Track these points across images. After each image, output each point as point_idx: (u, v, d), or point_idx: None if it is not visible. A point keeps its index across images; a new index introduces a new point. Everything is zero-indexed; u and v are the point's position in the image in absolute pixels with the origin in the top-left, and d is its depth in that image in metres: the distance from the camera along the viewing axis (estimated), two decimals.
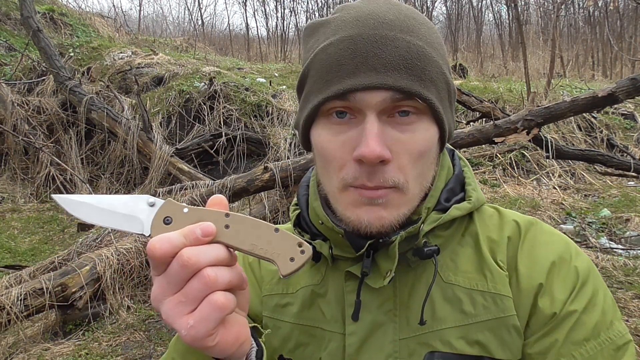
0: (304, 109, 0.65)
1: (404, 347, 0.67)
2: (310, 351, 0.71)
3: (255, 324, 0.68)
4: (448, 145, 0.75)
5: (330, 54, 0.61)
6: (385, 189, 0.61)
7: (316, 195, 0.71)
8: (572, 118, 5.87)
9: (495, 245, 0.70)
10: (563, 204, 4.80)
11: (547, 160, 5.45)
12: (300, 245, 0.52)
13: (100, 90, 6.60)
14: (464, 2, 17.45)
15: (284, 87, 6.79)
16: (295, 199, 0.78)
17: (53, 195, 0.56)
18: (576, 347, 0.63)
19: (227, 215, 0.52)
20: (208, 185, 3.94)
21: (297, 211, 0.75)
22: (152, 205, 0.53)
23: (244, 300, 0.57)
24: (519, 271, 0.67)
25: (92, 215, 0.54)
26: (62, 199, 0.55)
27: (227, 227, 0.52)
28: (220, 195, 0.55)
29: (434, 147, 0.65)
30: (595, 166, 5.56)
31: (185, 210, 0.52)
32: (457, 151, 0.77)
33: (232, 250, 0.52)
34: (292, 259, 0.52)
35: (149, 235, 0.52)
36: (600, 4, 13.32)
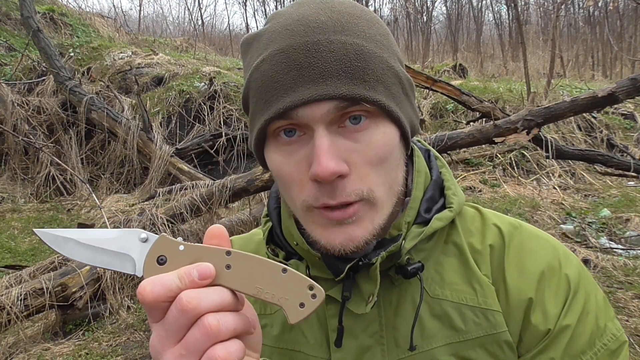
0: (252, 131, 0.61)
1: None
2: None
3: None
4: (423, 144, 0.72)
5: (264, 72, 0.57)
6: (353, 206, 0.57)
7: (289, 214, 0.66)
8: (572, 118, 5.87)
9: (478, 256, 0.66)
10: (563, 204, 4.80)
11: (547, 160, 5.45)
12: (311, 288, 0.46)
13: (100, 90, 6.61)
14: (464, 2, 17.46)
15: None
16: (265, 210, 0.72)
17: (35, 230, 0.50)
18: None
19: (228, 253, 0.46)
20: (208, 185, 3.94)
21: (269, 224, 0.70)
22: (144, 240, 0.47)
23: (255, 341, 0.52)
24: (507, 284, 0.64)
25: (79, 254, 0.48)
26: (46, 235, 0.49)
27: (228, 267, 0.46)
28: (219, 225, 0.49)
29: (396, 148, 0.60)
30: (595, 166, 5.56)
31: (181, 247, 0.46)
32: (432, 150, 0.72)
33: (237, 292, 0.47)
34: (302, 305, 0.46)
35: (141, 276, 0.47)
36: (600, 4, 13.32)
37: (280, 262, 0.47)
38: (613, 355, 0.62)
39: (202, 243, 0.48)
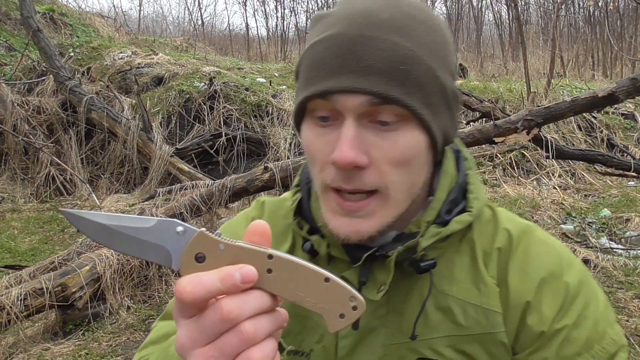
0: (295, 104, 0.65)
1: (394, 352, 0.67)
2: (301, 339, 0.70)
3: None
4: (455, 143, 0.72)
5: (316, 52, 0.60)
6: (367, 199, 0.59)
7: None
8: (572, 118, 5.87)
9: (487, 257, 0.68)
10: (563, 204, 4.80)
11: (547, 160, 5.45)
12: (352, 299, 0.45)
13: (100, 90, 6.60)
14: (464, 2, 17.45)
15: (284, 87, 6.79)
16: (297, 178, 0.75)
17: (61, 209, 0.49)
18: None
19: (270, 257, 0.44)
20: (208, 185, 3.94)
21: (299, 195, 0.72)
22: (181, 234, 0.45)
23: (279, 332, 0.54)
24: (509, 285, 0.66)
25: (114, 242, 0.47)
26: (73, 216, 0.47)
27: (269, 271, 0.44)
28: (263, 222, 0.47)
29: (421, 154, 0.61)
30: (595, 166, 5.56)
31: (222, 247, 0.44)
32: (463, 150, 0.73)
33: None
34: (342, 316, 0.45)
35: (177, 270, 0.46)
36: (600, 4, 13.32)
37: (322, 270, 0.46)
38: (611, 358, 0.64)
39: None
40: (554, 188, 5.28)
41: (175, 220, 0.46)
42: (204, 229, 0.45)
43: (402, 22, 0.59)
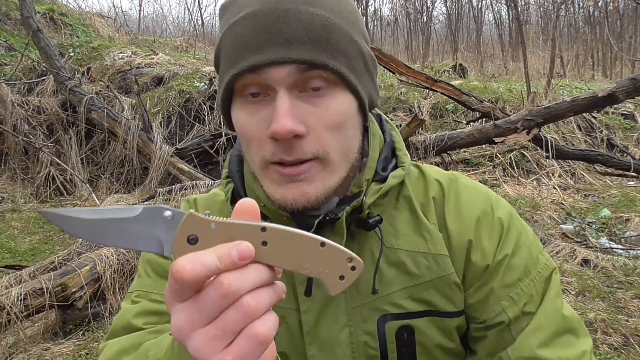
0: (220, 88, 0.65)
1: (357, 315, 0.70)
2: None
3: None
4: (375, 110, 0.76)
5: (236, 32, 0.61)
6: (307, 163, 0.61)
7: (254, 177, 0.69)
8: (572, 118, 5.87)
9: (424, 208, 0.74)
10: (563, 204, 4.80)
11: (547, 160, 5.45)
12: (350, 259, 0.46)
13: (100, 90, 6.60)
14: (464, 2, 17.45)
15: None
16: (225, 170, 0.76)
17: (39, 210, 0.46)
18: (512, 288, 0.70)
19: (263, 229, 0.44)
20: (208, 185, 3.94)
21: (231, 185, 0.73)
22: (170, 218, 0.44)
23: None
24: (448, 229, 0.72)
25: (97, 235, 0.45)
26: (53, 215, 0.44)
27: (264, 244, 0.44)
28: (250, 200, 0.46)
29: (353, 117, 0.64)
30: (595, 166, 5.56)
31: (213, 226, 0.43)
32: (383, 115, 0.78)
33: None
34: (342, 277, 0.46)
35: (170, 256, 0.44)
36: (600, 4, 13.32)
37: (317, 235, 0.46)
38: (548, 281, 0.71)
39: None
40: (554, 188, 5.28)
41: (161, 205, 0.45)
42: (192, 210, 0.45)
43: None
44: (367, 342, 0.70)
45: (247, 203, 0.46)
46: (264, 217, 0.67)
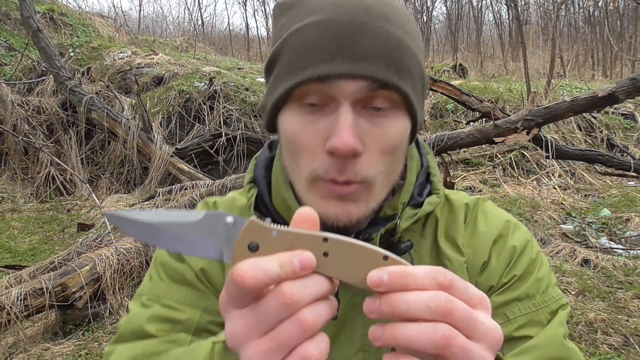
0: (274, 91, 0.62)
1: None
2: None
3: None
4: None
5: (306, 37, 0.58)
6: (355, 185, 0.59)
7: (287, 185, 0.67)
8: (572, 118, 5.87)
9: (453, 232, 0.73)
10: (563, 204, 4.80)
11: (547, 160, 5.45)
12: None
13: (100, 90, 6.60)
14: (464, 2, 17.45)
15: None
16: (250, 175, 0.73)
17: (104, 212, 0.46)
18: (508, 307, 0.68)
19: (325, 239, 0.42)
20: (208, 185, 3.94)
21: (255, 191, 0.71)
22: (231, 224, 0.43)
23: None
24: (466, 253, 0.72)
25: (156, 238, 0.45)
26: (116, 218, 0.45)
27: (326, 255, 0.42)
28: (309, 209, 0.44)
29: (405, 141, 0.63)
30: (595, 166, 5.56)
31: (274, 234, 0.43)
32: (419, 138, 0.76)
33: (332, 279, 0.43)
34: None
35: (230, 262, 0.43)
36: (600, 4, 13.32)
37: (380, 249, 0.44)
38: (553, 314, 0.69)
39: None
40: (554, 188, 5.28)
41: (222, 212, 0.45)
42: (253, 216, 0.44)
43: (387, 10, 0.59)
44: None
45: (307, 212, 0.44)
46: (285, 223, 0.65)
